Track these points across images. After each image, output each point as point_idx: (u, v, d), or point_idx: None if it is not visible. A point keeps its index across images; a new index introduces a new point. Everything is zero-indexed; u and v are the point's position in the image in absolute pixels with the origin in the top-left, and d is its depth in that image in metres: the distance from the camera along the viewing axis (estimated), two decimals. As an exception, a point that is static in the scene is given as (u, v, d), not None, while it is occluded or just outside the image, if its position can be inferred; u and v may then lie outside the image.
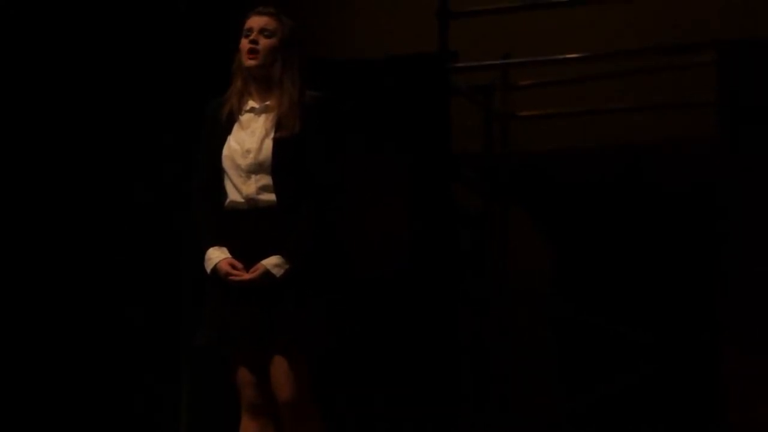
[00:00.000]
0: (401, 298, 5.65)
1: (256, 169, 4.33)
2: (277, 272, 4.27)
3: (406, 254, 5.72)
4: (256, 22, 4.45)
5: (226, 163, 4.37)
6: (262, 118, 4.41)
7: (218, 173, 4.42)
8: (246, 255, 4.33)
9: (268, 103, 4.43)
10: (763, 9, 5.92)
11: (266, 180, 4.32)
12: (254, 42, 4.41)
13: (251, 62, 4.42)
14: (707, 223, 5.36)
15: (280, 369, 4.37)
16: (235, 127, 4.42)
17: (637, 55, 5.98)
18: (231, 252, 4.36)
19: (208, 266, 4.36)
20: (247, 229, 4.36)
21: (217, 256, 4.33)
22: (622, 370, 5.96)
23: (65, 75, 6.62)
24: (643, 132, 6.07)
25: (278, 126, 4.37)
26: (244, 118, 4.42)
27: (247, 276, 4.30)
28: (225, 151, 4.37)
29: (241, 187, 4.34)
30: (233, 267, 4.32)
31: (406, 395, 5.60)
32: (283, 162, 4.31)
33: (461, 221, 6.08)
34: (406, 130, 5.73)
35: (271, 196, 4.32)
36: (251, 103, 4.43)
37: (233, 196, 4.36)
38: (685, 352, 5.86)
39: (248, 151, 4.36)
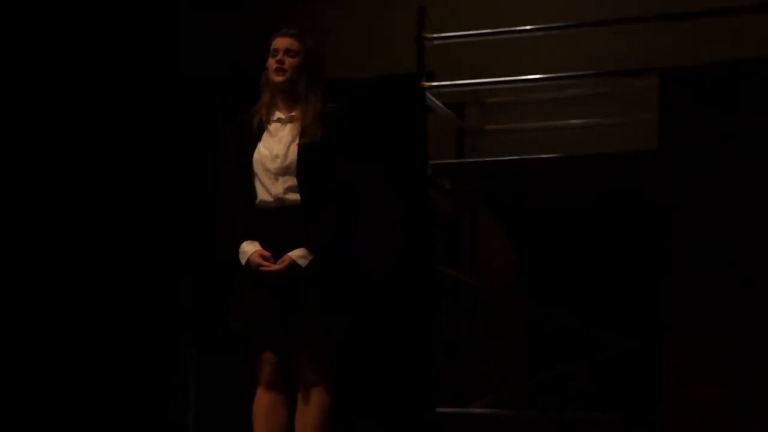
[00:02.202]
0: (384, 290, 5.75)
1: (283, 171, 4.72)
2: (302, 263, 4.65)
3: (388, 253, 5.82)
4: (281, 43, 4.83)
5: (256, 167, 4.74)
6: (288, 127, 4.80)
7: (247, 177, 4.78)
8: (273, 247, 4.72)
9: (293, 113, 4.81)
10: (701, 39, 6.00)
11: (292, 181, 4.71)
12: (281, 62, 4.79)
13: (279, 78, 4.79)
14: (651, 222, 5.43)
15: (302, 354, 4.76)
16: (265, 135, 4.80)
17: (591, 77, 6.14)
18: (261, 245, 4.73)
19: (243, 258, 4.73)
20: (275, 225, 4.73)
21: (249, 249, 4.72)
22: (575, 353, 6.08)
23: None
24: (598, 144, 6.11)
25: (303, 134, 4.75)
26: (272, 127, 4.82)
27: (275, 267, 4.66)
28: (256, 156, 4.76)
29: (270, 187, 4.73)
30: (263, 258, 4.69)
31: (387, 375, 5.75)
32: (307, 165, 4.71)
33: (437, 223, 6.24)
34: (388, 142, 5.85)
35: (296, 196, 4.71)
36: (278, 114, 4.83)
37: (263, 195, 4.75)
38: (631, 337, 5.93)
39: (276, 156, 4.74)
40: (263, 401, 4.84)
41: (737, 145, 5.23)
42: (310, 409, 4.77)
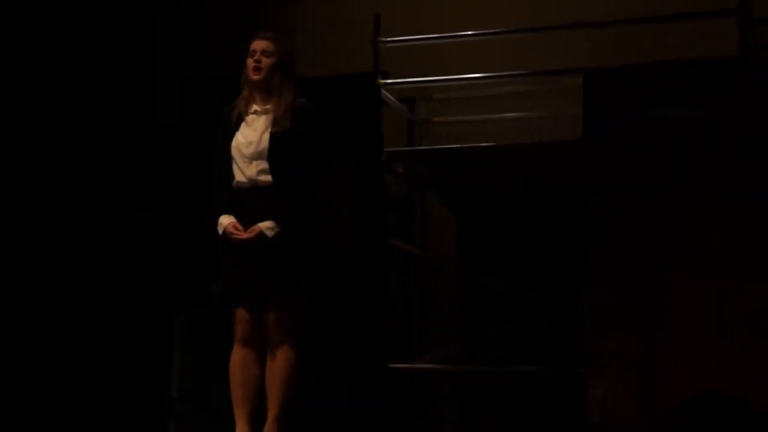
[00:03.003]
0: (344, 261, 6.08)
1: (256, 156, 5.07)
2: (270, 233, 4.99)
3: (349, 228, 6.13)
4: (258, 45, 5.18)
5: (234, 152, 5.10)
6: (263, 118, 5.14)
7: (228, 161, 5.13)
8: (248, 222, 5.06)
9: (268, 106, 5.14)
10: (621, 43, 6.21)
11: (264, 165, 5.05)
12: (258, 61, 5.14)
13: (256, 77, 5.15)
14: (574, 200, 5.67)
15: (272, 316, 5.10)
16: (243, 125, 5.14)
17: (524, 76, 6.38)
18: (237, 219, 5.07)
19: (220, 229, 5.08)
20: (249, 203, 5.07)
21: (225, 221, 5.08)
22: (510, 314, 6.36)
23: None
24: (530, 135, 6.33)
25: (274, 123, 5.09)
26: (249, 118, 5.16)
27: (245, 235, 5.01)
28: (234, 143, 5.14)
29: (245, 170, 5.08)
30: (235, 228, 5.04)
31: (346, 335, 6.05)
32: (278, 151, 5.05)
33: (390, 202, 6.53)
34: (349, 132, 6.11)
35: (267, 177, 5.05)
36: (255, 107, 5.17)
37: (239, 177, 5.11)
38: (557, 304, 6.22)
39: (251, 143, 5.08)
40: (238, 356, 5.15)
41: (650, 136, 5.51)
42: (278, 364, 5.06)
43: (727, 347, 5.30)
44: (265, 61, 5.14)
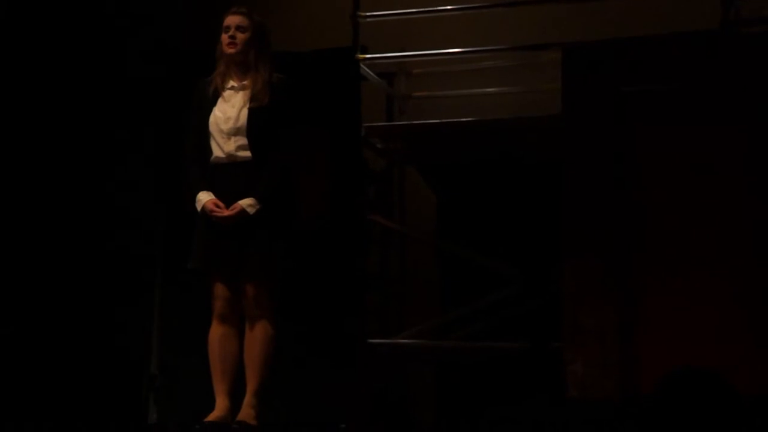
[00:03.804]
0: (323, 236, 6.00)
1: (235, 132, 5.07)
2: (251, 210, 5.00)
3: (328, 203, 6.07)
4: (232, 20, 5.17)
5: (212, 128, 5.07)
6: (240, 93, 5.13)
7: (205, 136, 5.12)
8: (226, 198, 5.06)
9: (245, 82, 5.14)
10: (599, 18, 6.24)
11: (243, 140, 5.06)
12: (233, 37, 5.13)
13: (231, 51, 5.14)
14: (555, 179, 5.63)
15: (250, 290, 5.09)
16: (219, 101, 5.14)
17: (503, 51, 6.38)
18: (215, 195, 5.07)
19: (198, 206, 5.08)
20: (227, 178, 5.08)
21: (204, 198, 5.07)
22: (489, 289, 6.44)
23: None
24: (509, 110, 6.37)
25: (252, 99, 5.08)
26: (226, 93, 5.15)
27: (226, 212, 5.01)
28: (211, 119, 5.10)
29: (223, 146, 5.08)
30: (216, 206, 5.03)
31: (325, 310, 5.99)
32: (256, 126, 5.06)
33: (369, 177, 6.55)
34: (328, 107, 6.09)
35: (246, 153, 5.06)
36: (231, 83, 5.16)
37: (217, 152, 5.10)
38: (536, 278, 6.31)
39: (229, 118, 5.08)
40: (217, 333, 5.15)
41: (630, 111, 5.52)
42: (256, 339, 5.06)
43: (707, 324, 5.32)
44: (240, 37, 5.13)
